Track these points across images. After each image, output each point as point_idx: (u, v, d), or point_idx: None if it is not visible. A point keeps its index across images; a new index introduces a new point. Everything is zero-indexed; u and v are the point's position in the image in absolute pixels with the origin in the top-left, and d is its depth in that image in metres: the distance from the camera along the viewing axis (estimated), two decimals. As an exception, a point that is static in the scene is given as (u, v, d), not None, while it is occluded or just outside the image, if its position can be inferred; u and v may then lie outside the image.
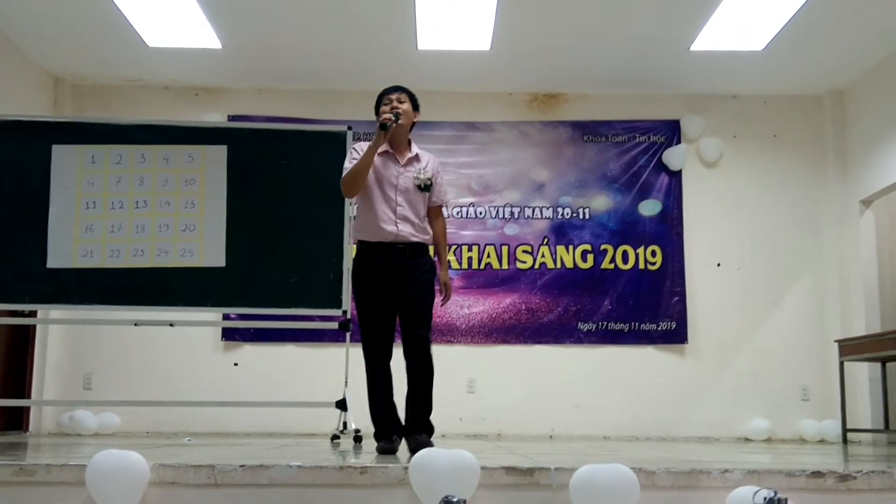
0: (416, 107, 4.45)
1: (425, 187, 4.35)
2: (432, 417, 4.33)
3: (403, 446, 4.33)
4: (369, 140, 4.34)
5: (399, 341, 4.33)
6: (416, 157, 4.42)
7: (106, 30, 7.08)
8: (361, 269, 4.35)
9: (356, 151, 4.32)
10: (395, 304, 4.31)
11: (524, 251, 8.17)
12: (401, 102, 4.35)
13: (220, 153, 5.79)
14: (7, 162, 5.74)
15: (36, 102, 7.77)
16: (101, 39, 7.30)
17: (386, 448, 4.20)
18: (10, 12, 6.84)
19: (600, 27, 7.10)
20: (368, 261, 4.32)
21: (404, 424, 4.32)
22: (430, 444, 3.98)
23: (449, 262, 7.99)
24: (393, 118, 4.23)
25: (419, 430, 4.26)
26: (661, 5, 6.71)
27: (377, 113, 4.38)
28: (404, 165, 4.36)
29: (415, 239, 4.30)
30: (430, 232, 4.43)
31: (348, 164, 4.30)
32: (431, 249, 4.46)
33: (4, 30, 7.15)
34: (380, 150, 4.29)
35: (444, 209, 4.55)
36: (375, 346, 4.29)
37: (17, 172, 5.73)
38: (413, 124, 4.46)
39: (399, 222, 4.26)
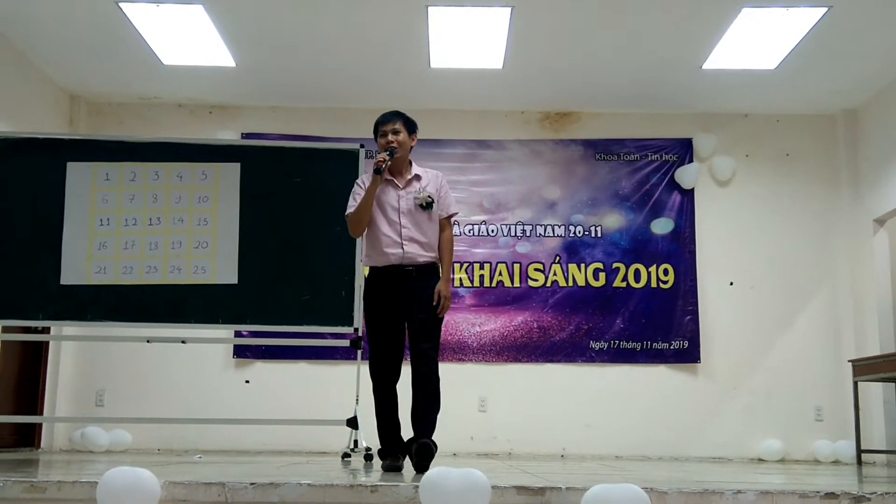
0: (412, 130, 4.49)
1: (427, 205, 4.37)
2: (441, 437, 4.35)
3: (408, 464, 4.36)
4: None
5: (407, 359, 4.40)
6: (416, 178, 4.45)
7: (122, 48, 7.15)
8: (371, 292, 4.41)
9: (359, 187, 4.40)
10: (404, 325, 4.36)
11: (536, 269, 8.16)
12: (395, 133, 4.40)
13: (233, 171, 5.82)
14: (23, 179, 5.78)
15: (52, 120, 7.83)
16: (117, 57, 7.36)
17: (391, 466, 4.25)
18: (28, 31, 6.91)
19: (612, 46, 7.12)
20: (377, 285, 4.37)
21: (407, 442, 4.33)
22: (431, 445, 4.12)
23: (460, 279, 8.00)
24: (385, 159, 4.26)
25: (420, 456, 4.17)
26: (674, 24, 6.73)
27: (376, 140, 4.47)
28: (404, 188, 4.41)
29: (423, 259, 4.33)
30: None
31: (352, 202, 4.37)
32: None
33: (23, 48, 7.22)
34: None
35: (451, 221, 4.53)
36: (381, 367, 4.36)
37: (32, 189, 5.77)
38: (411, 148, 4.50)
39: (405, 243, 4.30)
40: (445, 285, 4.33)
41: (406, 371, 4.40)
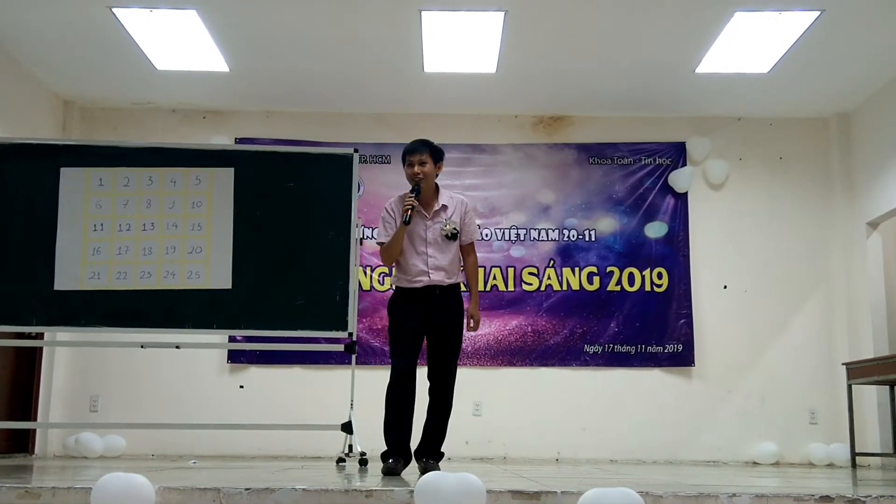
0: (438, 159, 4.69)
1: (452, 236, 4.62)
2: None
3: (411, 467, 4.47)
4: (377, 162, 4.53)
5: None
6: (443, 208, 4.68)
7: (115, 53, 7.14)
8: (397, 304, 4.65)
9: (388, 214, 4.64)
10: (426, 331, 4.59)
11: (530, 273, 8.16)
12: (422, 165, 4.59)
13: (227, 176, 5.80)
14: (16, 184, 5.77)
15: (45, 125, 7.81)
16: (111, 63, 7.35)
17: (390, 469, 4.33)
18: (20, 37, 6.90)
19: (606, 50, 7.13)
20: (404, 299, 4.62)
21: (417, 447, 4.55)
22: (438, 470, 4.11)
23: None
24: (413, 205, 4.49)
25: (430, 456, 4.50)
26: (667, 28, 6.74)
27: (404, 167, 4.65)
28: (431, 218, 4.64)
29: (447, 283, 4.59)
30: (462, 272, 4.75)
31: (382, 231, 4.65)
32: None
33: (15, 54, 7.21)
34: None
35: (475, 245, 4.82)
36: (405, 369, 4.50)
37: (26, 195, 5.75)
38: (437, 174, 4.72)
39: (432, 272, 4.57)
40: (475, 307, 4.68)
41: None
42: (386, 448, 4.48)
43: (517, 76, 7.58)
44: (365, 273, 7.96)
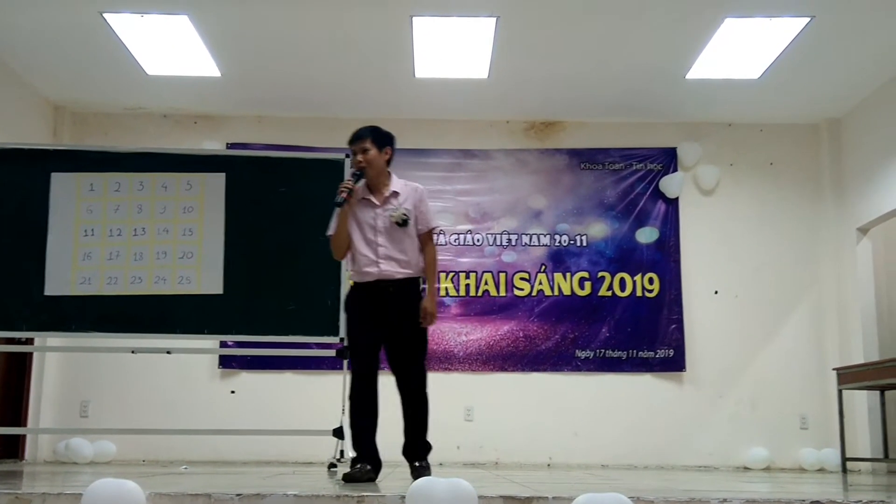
0: (383, 144, 4.38)
1: (403, 223, 4.30)
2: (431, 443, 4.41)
3: (405, 471, 4.38)
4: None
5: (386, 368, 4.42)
6: (394, 195, 4.37)
7: (106, 58, 7.13)
8: (351, 304, 4.42)
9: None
10: (383, 334, 4.35)
11: (522, 278, 8.17)
12: (364, 152, 4.32)
13: (218, 181, 5.80)
14: (6, 189, 5.75)
15: (36, 130, 7.79)
16: (101, 68, 7.34)
17: (350, 475, 4.15)
18: (11, 41, 6.88)
19: (597, 55, 7.15)
20: (358, 297, 4.38)
21: (403, 447, 4.38)
22: (428, 472, 4.10)
23: (446, 288, 8.01)
24: (348, 188, 4.23)
25: (417, 451, 4.33)
26: (658, 34, 6.76)
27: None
28: (382, 206, 4.35)
29: (400, 276, 4.30)
30: (422, 264, 4.40)
31: (332, 224, 4.35)
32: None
33: (6, 58, 7.19)
34: (357, 197, 4.34)
35: (434, 235, 4.46)
36: (362, 376, 4.32)
37: (16, 200, 5.74)
38: (388, 161, 4.42)
39: (381, 262, 4.27)
40: (430, 300, 4.31)
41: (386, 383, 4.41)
42: (355, 454, 4.33)
43: (509, 82, 7.60)
44: (356, 278, 7.95)
